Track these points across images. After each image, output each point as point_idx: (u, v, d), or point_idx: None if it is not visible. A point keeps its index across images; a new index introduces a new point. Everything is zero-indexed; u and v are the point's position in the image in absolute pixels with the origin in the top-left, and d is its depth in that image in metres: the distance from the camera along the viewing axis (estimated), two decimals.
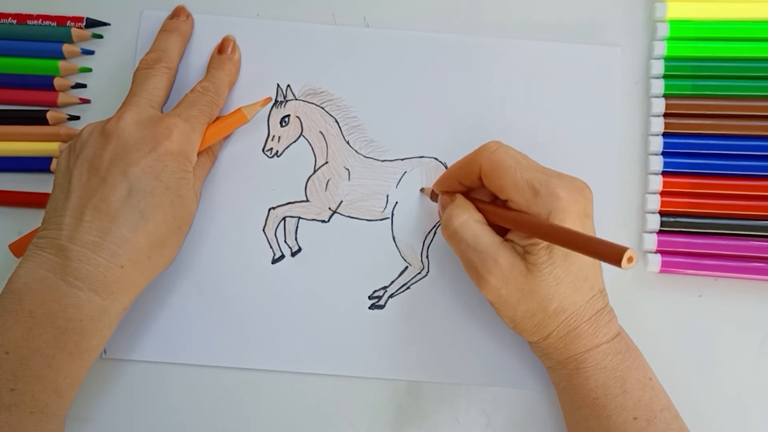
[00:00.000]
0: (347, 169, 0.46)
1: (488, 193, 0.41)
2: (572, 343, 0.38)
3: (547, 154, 0.46)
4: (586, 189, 0.38)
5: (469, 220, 0.39)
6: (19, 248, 0.43)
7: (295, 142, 0.46)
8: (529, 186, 0.37)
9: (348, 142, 0.46)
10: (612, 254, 0.30)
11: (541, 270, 0.37)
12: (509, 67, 0.47)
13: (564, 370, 0.39)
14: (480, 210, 0.40)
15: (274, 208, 0.46)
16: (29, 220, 0.45)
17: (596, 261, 0.39)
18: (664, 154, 0.46)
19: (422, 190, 0.46)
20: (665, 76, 0.46)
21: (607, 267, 0.40)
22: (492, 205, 0.40)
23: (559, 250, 0.37)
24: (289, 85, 0.47)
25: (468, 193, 0.42)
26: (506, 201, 0.38)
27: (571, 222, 0.36)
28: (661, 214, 0.45)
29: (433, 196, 0.44)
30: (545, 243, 0.37)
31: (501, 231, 0.39)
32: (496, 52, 0.47)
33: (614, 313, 0.40)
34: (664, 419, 0.38)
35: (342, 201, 0.46)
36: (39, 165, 0.46)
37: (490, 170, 0.38)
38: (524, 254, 0.38)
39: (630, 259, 0.29)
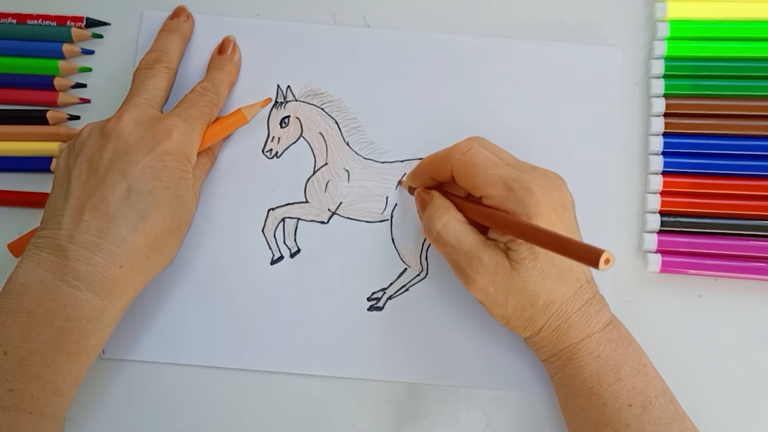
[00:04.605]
0: (347, 171, 0.46)
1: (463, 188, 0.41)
2: (564, 335, 0.38)
3: (548, 155, 0.46)
4: (560, 181, 0.38)
5: (450, 221, 0.39)
6: (18, 248, 0.43)
7: (294, 143, 0.46)
8: (502, 182, 0.37)
9: (348, 144, 0.46)
10: (589, 256, 0.30)
11: (524, 266, 0.37)
12: (509, 68, 0.47)
13: (558, 362, 0.39)
14: (458, 207, 0.40)
15: (273, 208, 0.46)
16: (29, 219, 0.45)
17: None
18: (664, 153, 0.46)
19: (400, 182, 0.46)
20: (665, 76, 0.46)
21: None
22: (469, 202, 0.40)
23: None
24: (289, 86, 0.47)
25: (442, 187, 0.42)
26: (481, 198, 0.38)
27: (547, 216, 0.36)
28: (662, 214, 0.45)
29: (411, 190, 0.45)
30: None
31: (483, 228, 0.39)
32: (496, 53, 0.47)
33: (605, 302, 0.40)
34: (659, 405, 0.38)
35: (341, 202, 0.46)
36: (39, 165, 0.46)
37: (462, 171, 0.39)
38: (507, 251, 0.38)
39: (607, 261, 0.29)
